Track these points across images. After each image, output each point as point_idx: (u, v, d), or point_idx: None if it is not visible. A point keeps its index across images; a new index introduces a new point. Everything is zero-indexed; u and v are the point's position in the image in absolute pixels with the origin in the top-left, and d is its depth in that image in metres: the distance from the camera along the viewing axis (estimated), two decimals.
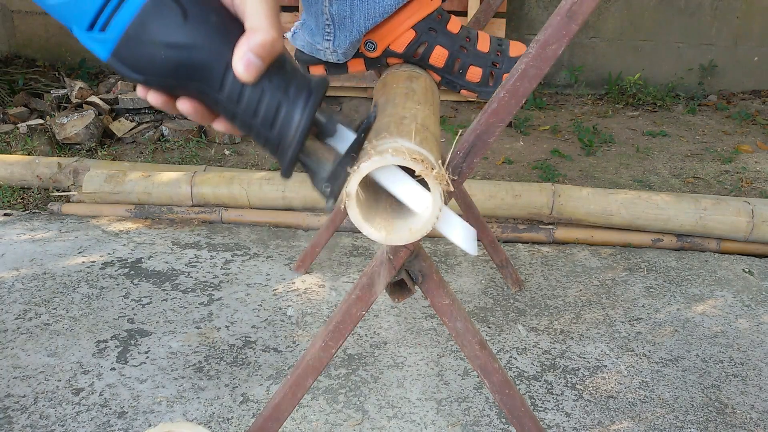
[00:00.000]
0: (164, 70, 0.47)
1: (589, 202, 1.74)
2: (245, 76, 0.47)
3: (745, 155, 2.46)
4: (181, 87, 0.49)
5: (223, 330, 1.32)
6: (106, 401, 1.11)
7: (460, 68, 0.97)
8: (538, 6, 3.16)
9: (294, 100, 0.49)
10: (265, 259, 1.61)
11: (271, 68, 0.48)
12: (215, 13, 0.48)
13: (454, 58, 0.96)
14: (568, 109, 3.00)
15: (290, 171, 0.51)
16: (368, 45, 0.95)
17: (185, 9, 0.47)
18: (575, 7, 0.64)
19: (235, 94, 0.48)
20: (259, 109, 0.49)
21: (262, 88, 0.48)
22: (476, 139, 0.70)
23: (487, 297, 1.47)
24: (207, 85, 0.48)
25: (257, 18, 0.48)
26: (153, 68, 0.47)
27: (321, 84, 0.50)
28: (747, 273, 1.62)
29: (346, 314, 0.77)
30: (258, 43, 0.47)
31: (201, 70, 0.48)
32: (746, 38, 3.20)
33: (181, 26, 0.46)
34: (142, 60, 0.47)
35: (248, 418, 1.08)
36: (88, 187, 1.83)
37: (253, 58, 0.47)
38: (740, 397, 1.17)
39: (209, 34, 0.47)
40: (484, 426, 1.08)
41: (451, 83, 0.99)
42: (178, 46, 0.47)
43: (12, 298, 1.40)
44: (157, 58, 0.47)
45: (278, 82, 0.49)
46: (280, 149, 0.50)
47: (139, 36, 0.46)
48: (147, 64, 0.47)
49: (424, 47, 0.95)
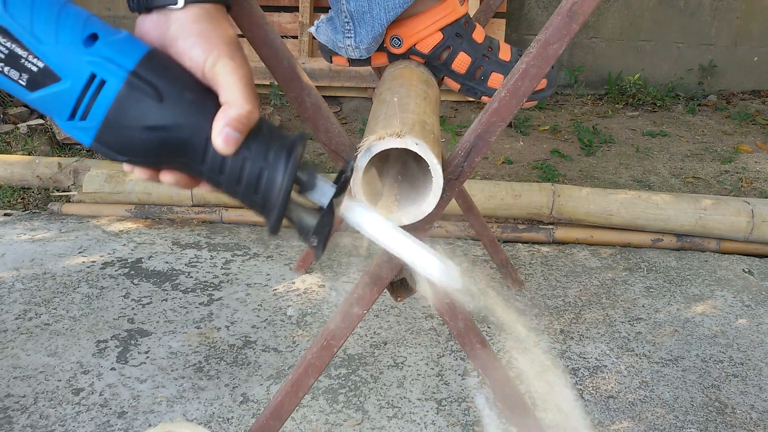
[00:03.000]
0: (147, 151, 0.49)
1: (589, 202, 1.74)
2: (225, 149, 0.49)
3: (745, 155, 2.46)
4: (165, 163, 0.51)
5: (223, 330, 1.32)
6: (106, 401, 1.11)
7: (482, 75, 0.98)
8: (538, 6, 3.16)
9: (274, 164, 0.50)
10: (265, 259, 1.61)
11: (249, 137, 0.50)
12: (189, 90, 0.49)
13: (476, 66, 0.97)
14: (568, 109, 3.00)
15: (277, 228, 0.53)
16: (394, 41, 0.95)
17: (160, 91, 0.48)
18: (576, 7, 0.64)
19: (217, 165, 0.50)
20: (242, 176, 0.50)
21: (242, 158, 0.50)
22: (477, 139, 0.70)
23: (487, 297, 1.47)
24: (190, 159, 0.50)
25: (231, 92, 0.49)
26: (135, 150, 0.49)
27: (298, 143, 0.51)
28: (747, 273, 1.62)
29: (347, 313, 0.77)
30: (233, 117, 0.48)
31: (183, 147, 0.49)
32: (746, 38, 3.20)
33: (157, 108, 0.48)
34: (124, 143, 0.49)
35: (248, 418, 1.08)
36: (88, 187, 1.83)
37: (231, 132, 0.48)
38: (740, 397, 1.17)
39: (186, 112, 0.49)
40: (484, 426, 1.08)
41: (471, 90, 1.00)
42: (157, 128, 0.48)
43: (12, 298, 1.40)
44: (138, 140, 0.48)
45: (257, 149, 0.50)
46: (266, 210, 0.51)
47: (119, 121, 0.48)
48: (129, 146, 0.49)
49: (449, 52, 0.96)
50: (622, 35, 3.19)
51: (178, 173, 0.52)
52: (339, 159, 0.74)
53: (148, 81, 0.48)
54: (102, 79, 0.47)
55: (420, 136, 0.62)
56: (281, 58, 0.70)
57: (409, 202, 0.67)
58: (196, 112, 0.49)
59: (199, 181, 0.53)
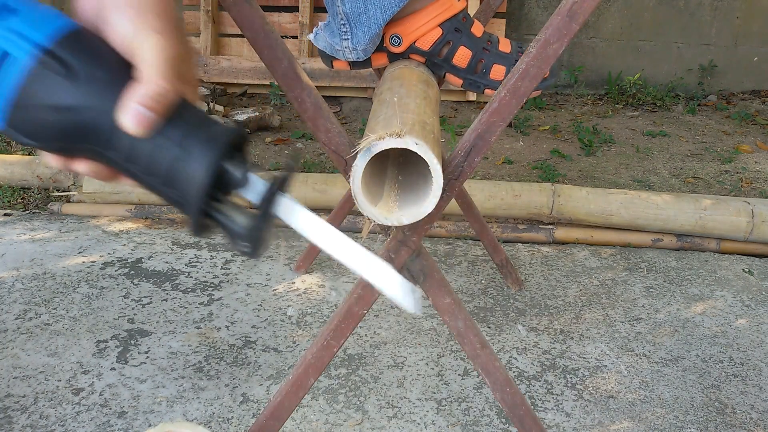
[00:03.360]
0: (54, 134, 0.45)
1: (588, 202, 1.74)
2: (132, 129, 0.44)
3: (745, 155, 2.46)
4: (75, 149, 0.46)
5: (223, 330, 1.32)
6: (106, 401, 1.11)
7: (483, 68, 0.98)
8: (538, 6, 3.16)
9: (191, 153, 0.44)
10: (265, 259, 1.61)
11: (167, 121, 0.45)
12: (104, 68, 0.45)
13: (477, 59, 0.97)
14: (568, 109, 3.00)
15: (199, 230, 0.47)
16: (393, 39, 0.95)
17: (74, 69, 0.44)
18: (576, 6, 0.64)
19: (126, 152, 0.45)
20: (156, 167, 0.45)
21: (154, 144, 0.44)
22: (477, 139, 0.70)
23: (487, 297, 1.47)
24: (96, 144, 0.45)
25: (146, 67, 0.44)
26: (43, 133, 0.45)
27: (226, 133, 0.46)
28: (747, 273, 1.62)
29: (347, 313, 0.77)
30: (144, 93, 0.44)
31: (90, 131, 0.45)
32: (746, 38, 3.20)
33: (66, 88, 0.44)
34: (33, 126, 0.45)
35: (248, 418, 1.08)
36: (88, 187, 1.83)
37: (140, 110, 0.44)
38: (740, 397, 1.18)
39: (96, 92, 0.44)
40: (484, 426, 1.08)
41: (474, 84, 0.99)
42: (64, 109, 0.44)
43: (12, 298, 1.40)
44: (47, 122, 0.45)
45: (173, 136, 0.45)
46: (185, 208, 0.46)
47: (28, 102, 0.44)
48: (38, 129, 0.45)
49: (449, 47, 0.96)
50: (622, 35, 3.19)
51: (91, 162, 0.47)
52: (339, 159, 0.74)
53: (60, 59, 0.44)
54: (9, 54, 0.44)
55: (420, 136, 0.62)
56: (281, 58, 0.70)
57: (409, 202, 0.67)
58: (106, 93, 0.44)
59: (116, 172, 0.48)
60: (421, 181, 0.69)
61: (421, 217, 0.66)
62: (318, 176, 1.82)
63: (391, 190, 0.69)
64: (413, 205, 0.66)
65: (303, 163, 2.20)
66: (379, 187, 0.70)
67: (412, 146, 0.62)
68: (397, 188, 0.70)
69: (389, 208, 0.66)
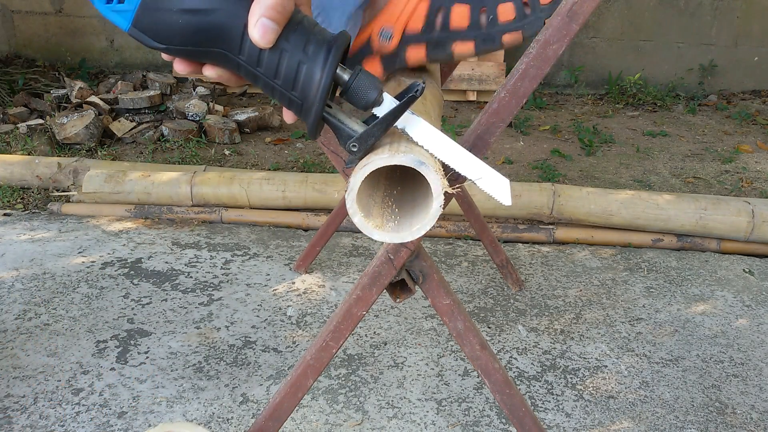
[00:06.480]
0: (184, 37, 0.48)
1: (589, 202, 1.74)
2: (261, 41, 0.47)
3: (745, 155, 2.46)
4: (203, 53, 0.49)
5: (223, 330, 1.32)
6: (105, 401, 1.11)
7: (489, 15, 0.82)
8: None
9: (313, 58, 0.49)
10: (265, 259, 1.61)
11: (288, 28, 0.48)
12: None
13: (478, 9, 0.82)
14: (568, 109, 3.00)
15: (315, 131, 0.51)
16: (383, 34, 0.84)
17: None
18: (576, 7, 0.64)
19: (254, 57, 0.48)
20: (280, 70, 0.49)
21: (280, 50, 0.48)
22: (477, 139, 0.70)
23: (487, 297, 1.47)
24: (226, 49, 0.49)
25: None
26: (173, 36, 0.48)
27: (341, 39, 0.50)
28: (747, 273, 1.62)
29: (346, 314, 0.77)
30: (269, 5, 0.47)
31: (219, 34, 0.48)
32: (746, 38, 3.20)
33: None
34: (161, 28, 0.48)
35: (248, 418, 1.08)
36: (87, 187, 1.83)
37: (268, 23, 0.47)
38: (740, 398, 1.17)
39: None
40: (484, 426, 1.08)
41: (486, 40, 0.83)
42: (195, 11, 0.47)
43: (12, 298, 1.40)
44: (176, 25, 0.47)
45: (296, 41, 0.49)
46: (305, 109, 0.50)
47: (157, 4, 0.47)
48: (167, 31, 0.48)
49: (443, 13, 0.83)
50: (623, 35, 3.19)
51: (219, 68, 0.51)
52: (338, 160, 0.74)
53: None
54: None
55: (422, 153, 0.62)
56: None
57: (408, 217, 0.67)
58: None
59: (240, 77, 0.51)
60: (418, 193, 0.68)
61: (423, 233, 0.64)
62: (318, 176, 1.82)
63: (387, 207, 0.67)
64: (414, 208, 0.65)
65: (303, 163, 2.20)
66: (373, 199, 0.69)
67: (414, 164, 0.60)
68: (393, 205, 0.68)
69: (387, 231, 0.64)
